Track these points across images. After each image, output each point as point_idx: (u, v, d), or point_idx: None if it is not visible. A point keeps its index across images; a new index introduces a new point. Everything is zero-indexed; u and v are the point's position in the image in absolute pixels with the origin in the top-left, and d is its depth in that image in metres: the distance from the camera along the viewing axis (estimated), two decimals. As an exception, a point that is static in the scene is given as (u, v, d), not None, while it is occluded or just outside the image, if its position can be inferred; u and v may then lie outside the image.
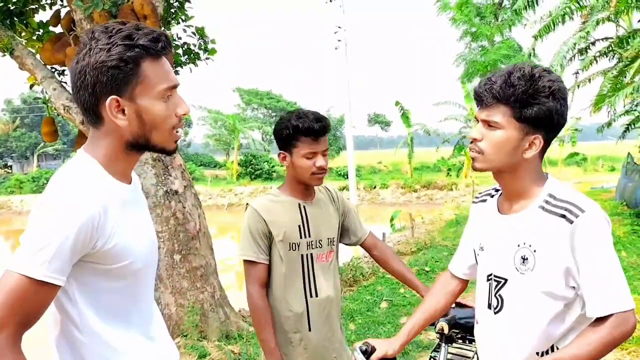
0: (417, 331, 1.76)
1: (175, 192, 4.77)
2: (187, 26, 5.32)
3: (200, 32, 5.35)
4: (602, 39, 14.68)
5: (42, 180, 32.59)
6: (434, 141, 38.13)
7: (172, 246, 4.73)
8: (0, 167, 43.27)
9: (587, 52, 14.70)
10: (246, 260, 2.11)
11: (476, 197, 1.74)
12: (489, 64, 20.23)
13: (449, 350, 2.09)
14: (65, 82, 4.72)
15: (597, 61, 14.28)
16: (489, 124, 1.44)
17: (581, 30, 13.60)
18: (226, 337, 4.89)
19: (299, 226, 2.13)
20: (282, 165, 2.19)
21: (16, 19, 4.79)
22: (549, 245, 1.40)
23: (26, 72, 4.72)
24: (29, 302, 1.12)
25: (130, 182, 1.37)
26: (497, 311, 1.53)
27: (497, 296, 1.53)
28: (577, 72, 14.91)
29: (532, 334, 1.45)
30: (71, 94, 1.30)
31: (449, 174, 30.86)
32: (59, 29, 4.72)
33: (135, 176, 1.44)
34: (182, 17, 5.35)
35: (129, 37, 1.21)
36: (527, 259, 1.44)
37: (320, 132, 2.06)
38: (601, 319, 1.34)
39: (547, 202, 1.43)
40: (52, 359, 1.31)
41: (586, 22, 12.90)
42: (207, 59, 5.48)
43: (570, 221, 1.36)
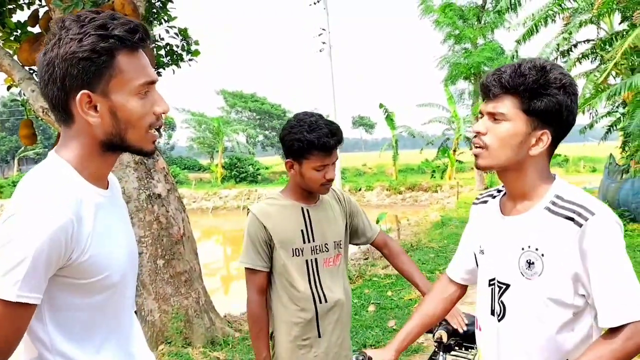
0: (413, 338, 1.70)
1: (158, 196, 4.67)
2: (170, 27, 5.24)
3: (183, 33, 5.27)
4: (584, 41, 14.88)
5: (23, 184, 31.92)
6: (418, 143, 38.37)
7: (156, 251, 4.63)
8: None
9: (569, 54, 14.88)
10: (246, 267, 2.09)
11: (477, 198, 1.67)
12: (472, 66, 20.37)
13: (446, 358, 2.04)
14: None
15: (580, 62, 14.45)
16: (494, 117, 1.37)
17: (563, 32, 13.76)
18: (212, 344, 4.80)
19: (302, 231, 2.08)
20: (289, 173, 2.11)
21: (-7, 19, 4.66)
22: (556, 249, 1.32)
23: (3, 73, 4.59)
24: (6, 326, 1.03)
25: (106, 186, 1.26)
26: (500, 318, 1.45)
27: (500, 302, 1.45)
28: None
29: (540, 343, 1.37)
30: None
31: (433, 175, 30.97)
32: (37, 29, 4.59)
33: (113, 179, 1.34)
34: (165, 17, 5.26)
35: (103, 26, 1.10)
36: (533, 263, 1.35)
37: (334, 147, 2.00)
38: (614, 329, 1.26)
39: (553, 203, 1.35)
40: None
41: (568, 24, 13.05)
42: (190, 60, 5.40)
43: (579, 224, 1.28)
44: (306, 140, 1.95)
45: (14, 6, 4.75)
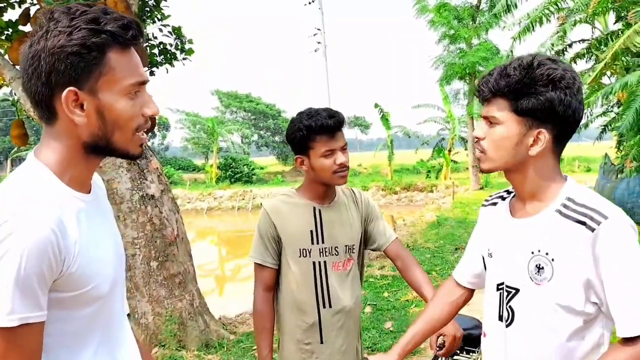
0: (417, 343, 1.63)
1: (151, 197, 4.60)
2: (163, 25, 5.18)
3: (177, 32, 5.21)
4: (579, 41, 14.90)
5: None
6: (413, 143, 38.37)
7: (149, 253, 4.56)
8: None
9: (564, 54, 14.90)
10: (255, 262, 2.05)
11: (486, 200, 1.61)
12: (467, 66, 20.38)
13: None
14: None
15: (575, 62, 14.46)
16: (489, 121, 1.34)
17: (558, 32, 13.77)
18: (206, 347, 4.73)
19: (311, 231, 2.00)
20: (300, 170, 2.05)
21: (-17, 18, 4.59)
22: (567, 254, 1.26)
23: (-8, 71, 4.51)
24: (16, 354, 0.96)
25: (89, 190, 1.17)
26: (508, 324, 1.39)
27: (508, 307, 1.39)
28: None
29: (549, 351, 1.31)
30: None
31: (428, 175, 30.98)
32: (28, 28, 4.53)
33: (96, 180, 1.26)
34: (158, 16, 5.20)
35: (95, 20, 1.03)
36: (543, 268, 1.30)
37: (335, 127, 1.93)
38: (630, 339, 1.21)
39: (565, 205, 1.30)
40: None
41: (564, 23, 13.06)
42: (184, 59, 5.34)
43: (591, 229, 1.23)
44: (304, 126, 1.91)
45: (5, 5, 4.69)
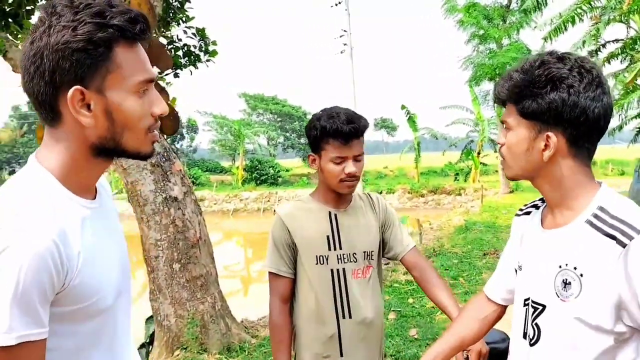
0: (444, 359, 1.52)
1: (174, 199, 4.60)
2: (188, 27, 5.17)
3: (201, 34, 5.20)
4: (613, 41, 14.46)
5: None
6: (440, 145, 37.90)
7: (172, 255, 4.56)
8: (8, 174, 43.45)
9: (597, 54, 14.49)
10: (269, 271, 1.96)
11: (520, 210, 1.51)
12: (497, 67, 20.01)
13: None
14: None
15: (609, 63, 14.05)
16: (505, 127, 1.28)
17: (591, 31, 13.39)
18: (227, 350, 4.70)
19: (328, 237, 1.91)
20: (312, 168, 1.97)
21: (10, 20, 4.66)
22: (597, 270, 1.14)
23: (19, 74, 4.57)
24: None
25: (94, 196, 1.11)
26: (533, 343, 1.28)
27: (533, 325, 1.29)
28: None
29: None
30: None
31: (456, 178, 30.58)
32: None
33: (103, 184, 1.19)
34: (183, 17, 5.20)
35: (101, 14, 0.96)
36: (570, 283, 1.19)
37: (351, 134, 1.81)
38: None
39: (596, 216, 1.18)
40: None
41: (597, 23, 12.69)
42: (208, 60, 5.33)
43: (622, 244, 1.10)
44: (320, 127, 1.83)
45: (32, 7, 4.74)
